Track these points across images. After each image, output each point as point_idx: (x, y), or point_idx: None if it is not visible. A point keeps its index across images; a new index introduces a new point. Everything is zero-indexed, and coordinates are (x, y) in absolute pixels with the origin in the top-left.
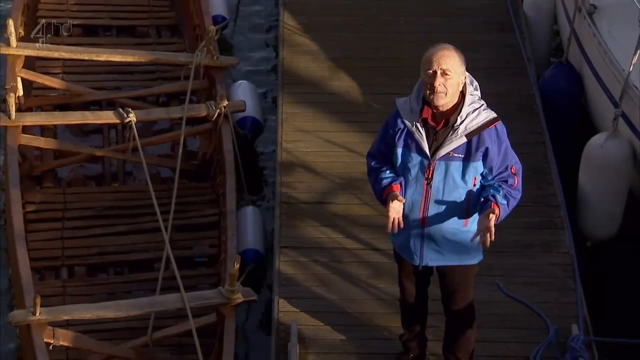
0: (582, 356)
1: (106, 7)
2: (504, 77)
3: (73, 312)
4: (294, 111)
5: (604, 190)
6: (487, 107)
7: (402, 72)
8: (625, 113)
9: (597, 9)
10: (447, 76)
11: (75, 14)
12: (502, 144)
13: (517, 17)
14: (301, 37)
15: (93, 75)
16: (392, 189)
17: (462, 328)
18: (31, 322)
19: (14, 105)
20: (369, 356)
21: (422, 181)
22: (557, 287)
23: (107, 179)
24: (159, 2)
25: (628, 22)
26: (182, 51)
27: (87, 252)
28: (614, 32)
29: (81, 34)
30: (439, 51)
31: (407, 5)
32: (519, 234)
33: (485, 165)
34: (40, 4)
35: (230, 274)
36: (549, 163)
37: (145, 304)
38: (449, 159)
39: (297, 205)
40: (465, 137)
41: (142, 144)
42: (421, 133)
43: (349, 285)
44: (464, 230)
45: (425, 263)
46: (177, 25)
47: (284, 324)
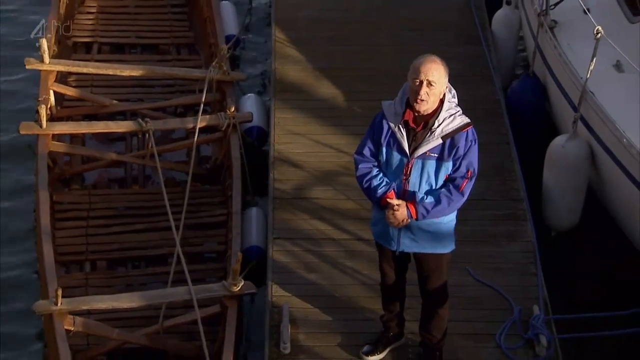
0: (542, 333)
1: (132, 27)
2: (472, 85)
3: (91, 302)
4: (285, 116)
5: (565, 186)
6: (462, 113)
7: (382, 81)
8: (584, 116)
9: (558, 24)
10: (431, 86)
11: (104, 33)
12: (470, 147)
13: (484, 31)
14: (291, 50)
15: (118, 89)
16: (388, 197)
17: (436, 309)
18: (53, 312)
19: (44, 116)
20: (353, 335)
21: (401, 177)
22: (520, 272)
23: (128, 182)
24: (179, 23)
25: (585, 35)
26: (199, 67)
27: (108, 247)
28: (572, 44)
29: (109, 52)
30: (427, 63)
31: (386, 21)
32: (486, 225)
33: (453, 164)
34: (73, 25)
35: (232, 269)
36: (513, 161)
37: (156, 296)
38: (425, 157)
39: (288, 201)
40: (441, 138)
41: (160, 150)
42: (402, 133)
43: (336, 272)
44: (437, 222)
45: (402, 249)
46: (195, 44)
47: (277, 306)
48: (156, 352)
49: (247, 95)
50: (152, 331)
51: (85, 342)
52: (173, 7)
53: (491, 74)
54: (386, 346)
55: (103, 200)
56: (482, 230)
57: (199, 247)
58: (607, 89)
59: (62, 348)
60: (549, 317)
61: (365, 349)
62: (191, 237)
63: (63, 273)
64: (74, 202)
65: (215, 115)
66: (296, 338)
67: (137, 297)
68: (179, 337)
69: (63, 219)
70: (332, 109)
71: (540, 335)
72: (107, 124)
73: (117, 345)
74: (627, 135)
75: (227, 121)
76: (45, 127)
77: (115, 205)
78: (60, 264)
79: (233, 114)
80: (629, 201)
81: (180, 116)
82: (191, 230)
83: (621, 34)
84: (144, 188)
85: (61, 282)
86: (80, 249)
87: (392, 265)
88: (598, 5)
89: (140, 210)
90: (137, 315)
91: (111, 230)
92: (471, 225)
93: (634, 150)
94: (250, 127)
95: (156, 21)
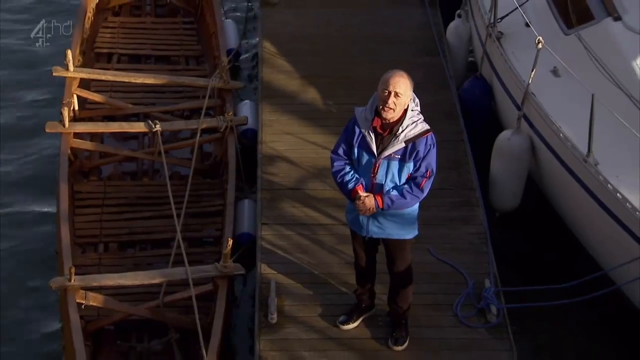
0: (492, 303)
1: (147, 41)
2: (432, 91)
3: (100, 279)
4: (272, 118)
5: (509, 174)
6: (424, 120)
7: (355, 87)
8: (526, 114)
9: (504, 35)
10: (398, 97)
11: (123, 46)
12: (429, 150)
13: (442, 44)
14: (277, 60)
15: (133, 94)
16: (357, 190)
17: (402, 284)
18: (67, 287)
19: (67, 117)
20: (331, 306)
21: (369, 174)
22: (474, 251)
23: (139, 175)
24: (188, 38)
25: (527, 44)
26: (205, 76)
27: (119, 232)
28: (516, 52)
29: (127, 62)
30: (395, 77)
31: (358, 36)
32: (444, 210)
33: (414, 164)
34: (97, 38)
35: (223, 253)
36: (467, 156)
37: (157, 275)
38: (390, 158)
39: (274, 191)
40: (404, 143)
41: (167, 148)
42: (371, 137)
43: (316, 252)
44: (400, 212)
45: (370, 235)
46: (202, 56)
47: (265, 282)
48: (157, 324)
49: (244, 101)
50: (154, 305)
51: (96, 313)
52: (184, 24)
53: (448, 82)
54: (359, 316)
55: (117, 190)
56: (441, 216)
57: (198, 233)
58: (546, 90)
59: (73, 318)
60: (498, 289)
61: (342, 319)
62: (192, 224)
63: (80, 253)
64: (91, 191)
65: (215, 118)
66: (282, 310)
67: (141, 276)
68: (177, 311)
69: (81, 206)
70: (312, 111)
71: (490, 305)
72: (121, 124)
73: (123, 317)
74: (563, 130)
75: (225, 124)
76: (67, 126)
77: (127, 195)
78: (77, 245)
79: (230, 118)
80: (564, 186)
81: (187, 119)
82: (192, 217)
83: (557, 44)
84: (153, 180)
85: (78, 261)
86: (95, 232)
87: (363, 248)
88: (538, 19)
89: (148, 200)
90: (141, 291)
91: (123, 216)
92: (432, 212)
93: (569, 143)
94: (246, 129)
95: (169, 36)
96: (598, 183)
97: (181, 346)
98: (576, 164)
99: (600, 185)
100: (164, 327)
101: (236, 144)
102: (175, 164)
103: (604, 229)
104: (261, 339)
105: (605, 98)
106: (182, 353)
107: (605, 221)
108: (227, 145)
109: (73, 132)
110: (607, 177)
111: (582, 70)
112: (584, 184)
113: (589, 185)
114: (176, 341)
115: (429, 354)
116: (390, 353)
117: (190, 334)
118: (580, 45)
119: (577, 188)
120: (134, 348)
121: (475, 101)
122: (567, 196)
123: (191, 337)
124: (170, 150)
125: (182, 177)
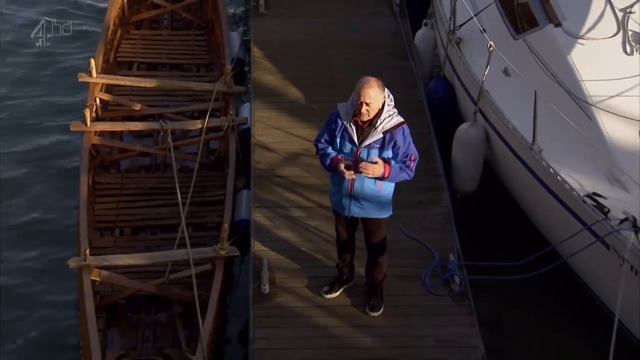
0: (456, 274)
1: (163, 51)
2: (402, 90)
3: (111, 259)
4: (263, 114)
5: (467, 161)
6: (398, 113)
7: (334, 87)
8: (481, 109)
9: (462, 41)
10: (369, 105)
11: (142, 55)
12: (406, 140)
13: (411, 50)
14: (266, 64)
15: (150, 97)
16: (338, 158)
17: (377, 258)
18: (82, 266)
19: (89, 117)
20: (316, 278)
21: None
22: (440, 229)
23: (152, 169)
24: (199, 48)
25: (482, 48)
26: (212, 82)
27: (133, 217)
28: (472, 55)
29: (145, 69)
30: (365, 88)
31: (337, 42)
32: (414, 194)
33: (393, 153)
34: (120, 48)
35: (221, 237)
36: (433, 147)
37: (162, 256)
38: (370, 147)
39: (265, 178)
40: (382, 133)
41: (176, 144)
42: (352, 129)
43: (302, 231)
44: (378, 194)
45: (351, 215)
46: (211, 64)
47: (259, 258)
48: (162, 298)
49: (245, 104)
50: (160, 282)
51: (110, 289)
52: (196, 36)
53: (417, 82)
54: (341, 286)
55: (132, 182)
56: (411, 199)
57: (203, 219)
58: (498, 88)
59: (87, 293)
60: (461, 263)
61: (325, 289)
62: (197, 211)
63: (98, 236)
64: (110, 182)
65: (219, 119)
66: (273, 282)
67: (149, 257)
68: (180, 287)
69: (101, 195)
70: (297, 108)
71: (454, 276)
72: (137, 124)
73: (133, 292)
74: (512, 122)
75: (227, 123)
76: (89, 125)
77: (141, 185)
78: (96, 229)
79: (232, 118)
80: (514, 171)
81: (196, 119)
82: (197, 206)
83: (507, 48)
84: (164, 173)
85: (97, 243)
86: (112, 218)
87: (345, 226)
88: (491, 27)
89: (160, 190)
90: (149, 270)
91: (137, 204)
92: (404, 195)
93: (517, 133)
94: (246, 128)
95: (183, 46)
96: (542, 167)
97: (183, 318)
98: (523, 151)
99: (543, 169)
100: (168, 302)
101: (237, 141)
102: (183, 158)
103: (548, 208)
104: (255, 307)
105: (548, 94)
106: (184, 324)
107: (548, 200)
108: (228, 142)
109: (94, 130)
110: (550, 162)
111: (529, 70)
112: (530, 168)
113: (534, 169)
114: (179, 314)
115: (401, 318)
116: (368, 318)
117: (191, 307)
118: (526, 48)
119: (524, 172)
120: (142, 319)
121: (439, 98)
122: (517, 179)
123: (192, 310)
124: (180, 147)
125: (189, 170)
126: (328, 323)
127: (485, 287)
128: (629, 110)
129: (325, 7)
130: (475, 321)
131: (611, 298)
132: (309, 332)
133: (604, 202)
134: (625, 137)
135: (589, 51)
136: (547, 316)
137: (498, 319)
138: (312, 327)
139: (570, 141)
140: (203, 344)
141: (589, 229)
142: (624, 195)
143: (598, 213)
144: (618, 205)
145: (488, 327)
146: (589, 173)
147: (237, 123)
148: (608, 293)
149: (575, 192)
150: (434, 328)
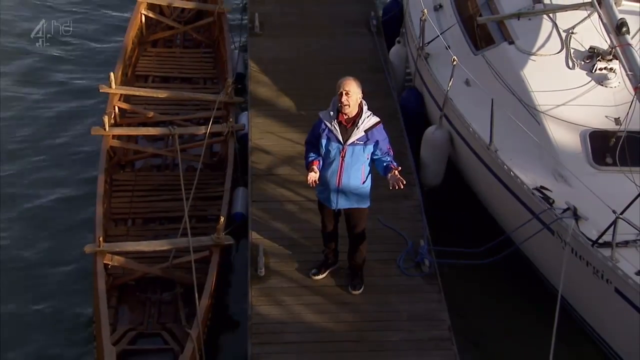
0: (426, 258)
1: (175, 66)
2: (378, 99)
3: (122, 246)
4: (258, 120)
5: (433, 159)
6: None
7: (319, 97)
8: (446, 114)
9: (430, 55)
10: (349, 94)
11: (157, 69)
12: (383, 135)
13: (386, 64)
14: (262, 76)
15: (162, 106)
16: (313, 164)
17: (358, 244)
18: (97, 251)
19: (107, 123)
20: (305, 262)
21: (339, 159)
22: (412, 219)
23: (162, 168)
24: (207, 64)
25: (447, 62)
26: (217, 94)
27: (145, 210)
28: (439, 68)
29: (159, 82)
30: (344, 81)
31: (322, 58)
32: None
33: (374, 148)
34: (138, 63)
35: (217, 227)
36: (406, 148)
37: (166, 243)
38: (354, 144)
39: (262, 176)
40: (364, 132)
41: (183, 147)
42: (337, 130)
43: (293, 222)
44: (361, 186)
45: (338, 207)
46: (216, 78)
47: (255, 245)
48: (167, 280)
49: (244, 112)
50: (164, 266)
51: (121, 272)
52: (204, 53)
53: (391, 92)
54: (327, 269)
55: (144, 179)
56: (387, 193)
57: (204, 212)
58: (460, 97)
59: (99, 275)
60: (430, 248)
61: (313, 271)
62: (200, 205)
63: (113, 226)
64: (125, 179)
65: (220, 125)
66: (268, 265)
67: (155, 244)
68: (182, 271)
69: (117, 191)
70: (289, 115)
71: (425, 259)
72: (148, 129)
73: (141, 275)
74: (472, 126)
75: (227, 129)
76: (107, 130)
77: (152, 182)
78: (112, 220)
79: (231, 124)
80: (474, 167)
81: (201, 125)
82: (200, 200)
83: (469, 62)
84: (173, 172)
85: (112, 232)
86: (126, 210)
87: (330, 218)
88: (454, 44)
89: (169, 187)
90: (156, 256)
91: (148, 199)
92: (381, 190)
93: (477, 135)
94: (244, 134)
95: (192, 62)
96: (497, 164)
97: (184, 297)
98: (482, 151)
99: (499, 166)
100: (172, 283)
101: (235, 145)
102: (189, 159)
103: (502, 199)
104: (252, 288)
105: (503, 102)
106: (184, 303)
107: (503, 193)
108: (227, 146)
109: (112, 134)
110: (504, 160)
111: (487, 81)
112: (487, 165)
113: (491, 166)
114: (180, 294)
115: (379, 296)
116: (350, 296)
117: (191, 288)
118: (485, 62)
119: (483, 168)
120: (149, 298)
121: (411, 106)
122: (477, 175)
123: (192, 291)
124: (186, 149)
125: (194, 170)
126: (316, 301)
127: (453, 270)
128: (571, 117)
129: (311, 28)
130: (443, 298)
131: (556, 277)
132: (299, 309)
133: (549, 194)
134: (567, 139)
135: (537, 66)
136: (504, 293)
137: (463, 297)
138: (302, 304)
139: (522, 142)
140: (198, 320)
141: (537, 218)
142: (567, 189)
143: (545, 204)
144: (561, 197)
145: (454, 303)
146: (537, 169)
147: (236, 129)
148: (553, 272)
149: (525, 186)
150: (407, 304)
